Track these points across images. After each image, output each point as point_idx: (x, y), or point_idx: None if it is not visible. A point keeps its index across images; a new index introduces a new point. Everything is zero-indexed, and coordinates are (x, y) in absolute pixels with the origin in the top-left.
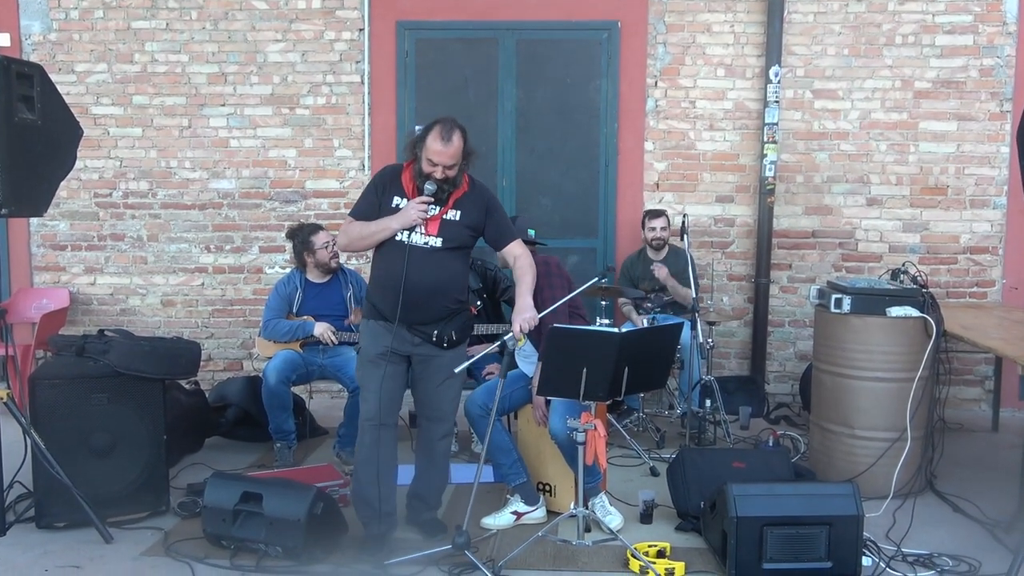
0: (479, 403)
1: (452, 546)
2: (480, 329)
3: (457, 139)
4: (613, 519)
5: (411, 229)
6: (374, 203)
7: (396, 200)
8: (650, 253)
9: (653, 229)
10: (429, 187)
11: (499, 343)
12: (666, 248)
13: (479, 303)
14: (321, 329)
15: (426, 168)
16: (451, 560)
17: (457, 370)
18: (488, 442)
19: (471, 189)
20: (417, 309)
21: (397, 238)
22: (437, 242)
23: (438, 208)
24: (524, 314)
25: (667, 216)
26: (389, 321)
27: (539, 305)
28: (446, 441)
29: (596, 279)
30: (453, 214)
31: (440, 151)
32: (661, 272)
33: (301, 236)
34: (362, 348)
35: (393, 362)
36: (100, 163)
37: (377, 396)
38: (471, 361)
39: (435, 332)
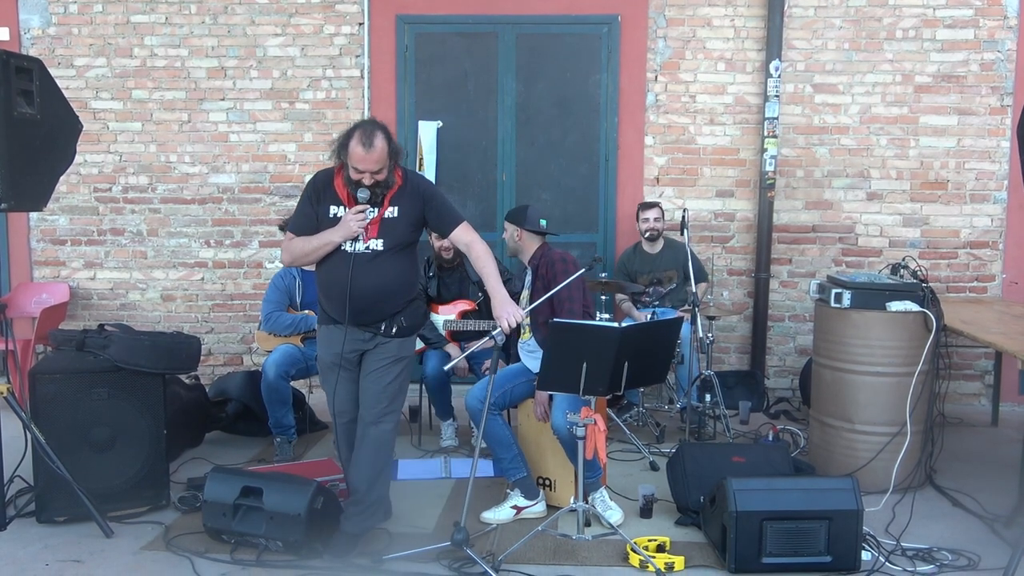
0: (480, 397)
1: (451, 543)
2: (481, 325)
3: (380, 142)
4: (613, 514)
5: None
6: (311, 215)
7: (333, 209)
8: (645, 246)
9: (647, 220)
10: (362, 195)
11: (488, 338)
12: (661, 240)
13: (480, 295)
14: None
15: (353, 176)
16: (451, 554)
17: (447, 367)
18: (487, 436)
19: (405, 183)
20: (364, 314)
21: (341, 247)
22: (379, 244)
23: (376, 210)
24: (507, 307)
25: (660, 207)
26: (340, 324)
27: (557, 307)
28: (378, 428)
29: (583, 269)
30: (391, 211)
31: (363, 158)
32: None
33: None
34: (319, 355)
35: (348, 367)
36: (99, 158)
37: (338, 399)
38: (461, 357)
39: (383, 326)
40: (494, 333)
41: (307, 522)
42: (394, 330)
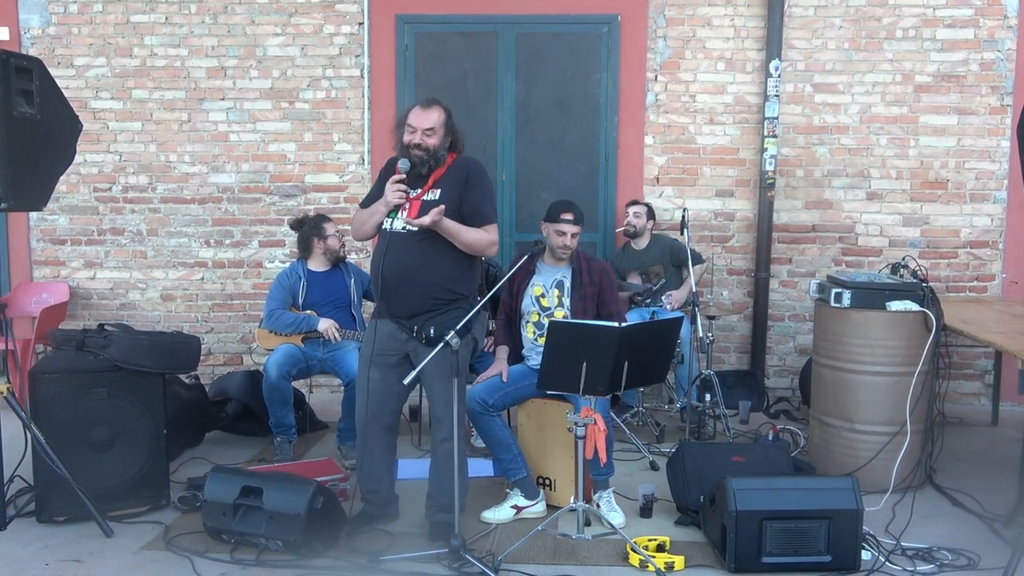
0: (478, 399)
1: (448, 549)
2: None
3: (438, 108)
4: (616, 516)
5: (395, 213)
6: (378, 190)
7: None
8: (632, 243)
9: (627, 215)
10: (402, 164)
11: (443, 343)
12: (648, 236)
13: (477, 297)
14: (326, 325)
15: (405, 137)
16: (451, 554)
17: (406, 381)
18: (487, 437)
19: (454, 165)
20: (395, 298)
21: (383, 226)
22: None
23: (417, 190)
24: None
25: (645, 205)
26: (381, 319)
27: (607, 318)
28: (446, 445)
29: (525, 256)
30: (433, 194)
31: (418, 114)
32: (675, 301)
33: (312, 223)
34: (361, 349)
35: (384, 365)
36: (99, 157)
37: (363, 398)
38: (417, 371)
39: (415, 327)
40: (447, 338)
41: (307, 522)
42: (424, 339)
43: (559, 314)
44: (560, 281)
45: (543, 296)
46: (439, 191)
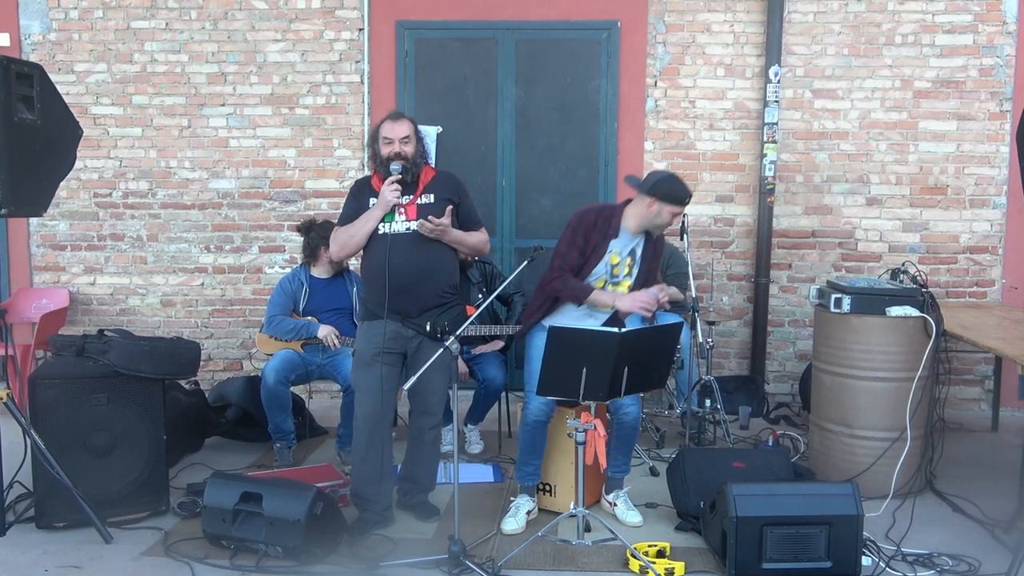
0: (548, 410)
1: (448, 555)
2: (482, 330)
3: (407, 119)
4: (635, 516)
5: (391, 218)
6: (356, 208)
7: (372, 201)
8: None
9: None
10: (395, 167)
11: (443, 348)
12: None
13: (479, 296)
14: (325, 332)
15: (384, 151)
16: (451, 561)
17: (406, 387)
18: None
19: (438, 175)
20: (406, 296)
21: (380, 231)
22: (416, 225)
23: (410, 196)
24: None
25: None
26: (382, 319)
27: (652, 280)
28: (434, 431)
29: (526, 262)
30: (427, 198)
31: (392, 126)
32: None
33: (321, 230)
34: (358, 350)
35: (388, 363)
36: (100, 163)
37: (372, 398)
38: (418, 376)
39: (428, 324)
40: (447, 343)
41: (306, 527)
42: (439, 334)
43: (625, 285)
44: (633, 249)
45: (617, 265)
46: (433, 195)
